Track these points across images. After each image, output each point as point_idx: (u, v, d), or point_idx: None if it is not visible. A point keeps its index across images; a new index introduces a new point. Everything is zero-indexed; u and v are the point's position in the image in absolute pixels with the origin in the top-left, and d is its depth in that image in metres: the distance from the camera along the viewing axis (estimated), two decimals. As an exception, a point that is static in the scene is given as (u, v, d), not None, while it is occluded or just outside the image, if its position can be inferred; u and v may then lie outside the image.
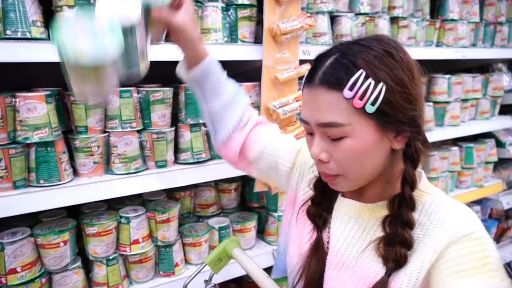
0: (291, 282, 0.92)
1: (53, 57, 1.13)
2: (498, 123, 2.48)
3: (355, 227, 0.81)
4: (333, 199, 0.86)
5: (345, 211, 0.83)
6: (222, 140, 0.99)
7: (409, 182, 0.74)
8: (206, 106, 0.97)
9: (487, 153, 2.51)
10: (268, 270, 1.80)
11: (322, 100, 0.70)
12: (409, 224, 0.73)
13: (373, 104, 0.68)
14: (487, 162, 2.53)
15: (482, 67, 2.62)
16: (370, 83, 0.67)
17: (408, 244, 0.72)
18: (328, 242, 0.84)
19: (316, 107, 0.71)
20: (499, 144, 2.59)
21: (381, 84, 0.68)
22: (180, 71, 0.97)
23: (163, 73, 1.60)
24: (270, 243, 1.71)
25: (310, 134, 0.76)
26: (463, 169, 2.42)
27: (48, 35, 1.19)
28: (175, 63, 1.36)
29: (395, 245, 0.72)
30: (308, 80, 0.73)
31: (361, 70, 0.68)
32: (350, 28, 1.76)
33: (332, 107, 0.69)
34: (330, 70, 0.69)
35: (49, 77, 1.38)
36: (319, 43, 1.68)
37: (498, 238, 2.79)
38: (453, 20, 2.15)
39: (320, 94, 0.70)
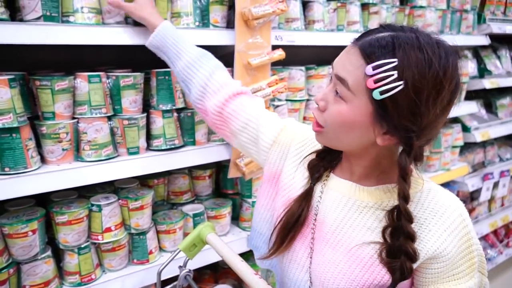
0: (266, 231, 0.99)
1: (17, 39, 1.10)
2: (464, 109, 2.57)
3: (353, 208, 0.83)
4: (334, 161, 0.90)
5: (340, 190, 0.85)
6: (196, 97, 1.08)
7: (403, 197, 0.75)
8: (174, 68, 1.15)
9: (454, 138, 2.59)
10: (243, 255, 1.82)
11: (351, 60, 0.74)
12: (411, 237, 0.75)
13: (381, 93, 0.69)
14: (453, 147, 2.62)
15: (449, 54, 2.69)
16: (393, 75, 0.68)
17: (412, 257, 0.75)
18: (316, 215, 0.87)
19: (344, 61, 0.76)
20: (465, 129, 2.69)
21: (400, 82, 0.68)
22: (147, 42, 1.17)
23: (134, 58, 1.57)
24: (244, 229, 1.72)
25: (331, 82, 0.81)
26: (431, 153, 2.49)
27: (10, 16, 1.14)
28: (146, 47, 1.34)
29: (400, 257, 0.75)
30: (356, 39, 0.77)
31: (395, 59, 0.69)
32: (322, 14, 1.76)
33: (353, 70, 0.73)
34: (374, 42, 0.72)
35: (14, 60, 1.33)
36: (291, 29, 1.68)
37: (463, 219, 2.90)
38: (421, 7, 2.19)
39: (353, 54, 0.74)
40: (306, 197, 0.88)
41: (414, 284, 0.83)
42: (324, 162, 0.90)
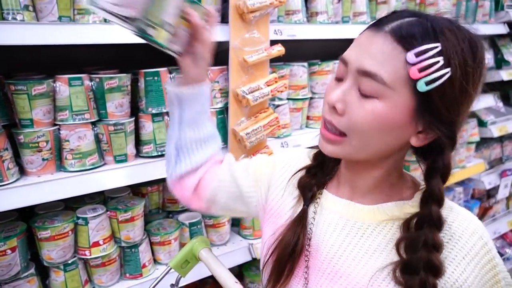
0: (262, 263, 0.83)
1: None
2: (480, 102, 2.41)
3: (352, 232, 0.71)
4: (328, 176, 0.79)
5: (337, 210, 0.74)
6: (181, 173, 0.89)
7: (437, 199, 0.64)
8: (179, 132, 0.88)
9: (469, 133, 2.46)
10: (244, 266, 1.73)
11: (381, 48, 0.61)
12: (437, 247, 0.63)
13: (427, 83, 0.59)
14: (469, 142, 2.48)
15: (464, 44, 2.55)
16: (439, 61, 0.59)
17: (437, 271, 0.62)
18: (310, 239, 0.75)
19: (369, 52, 0.62)
20: (481, 124, 2.55)
21: (447, 69, 0.59)
22: (171, 85, 0.87)
23: (120, 57, 1.46)
24: (246, 237, 1.61)
25: (339, 80, 0.68)
26: (445, 150, 2.36)
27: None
28: (133, 46, 1.23)
29: (418, 272, 0.63)
30: (375, 25, 0.64)
31: (438, 44, 0.59)
32: (325, 5, 1.64)
33: (386, 60, 0.61)
34: (407, 26, 0.61)
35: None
36: (292, 22, 1.55)
37: (480, 218, 2.76)
38: (433, -5, 2.05)
39: (383, 42, 0.61)
40: (300, 222, 0.75)
41: None
42: (317, 179, 0.78)
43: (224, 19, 1.38)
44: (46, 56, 1.36)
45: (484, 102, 2.45)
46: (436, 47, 0.59)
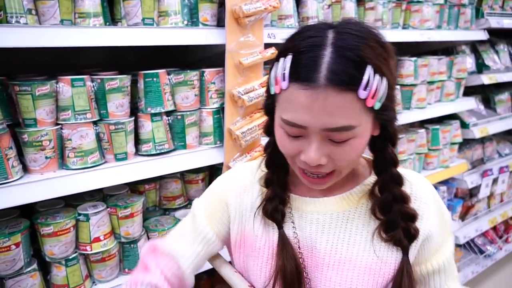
0: None
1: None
2: (462, 105, 2.52)
3: (338, 223, 0.78)
4: (285, 190, 0.82)
5: (315, 209, 0.80)
6: None
7: (394, 162, 0.75)
8: None
9: (452, 134, 2.55)
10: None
11: (333, 104, 0.61)
12: (404, 199, 0.75)
13: (380, 100, 0.65)
14: (452, 143, 2.57)
15: (447, 49, 2.64)
16: (378, 79, 0.63)
17: (413, 217, 0.75)
18: (299, 240, 0.80)
19: (325, 111, 0.62)
20: (463, 125, 2.64)
21: (384, 79, 0.64)
22: None
23: (120, 59, 1.51)
24: (240, 233, 1.67)
25: (296, 137, 0.68)
26: (430, 151, 2.45)
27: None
28: (133, 48, 1.28)
29: (398, 225, 0.74)
30: (305, 79, 0.62)
31: (369, 66, 0.62)
32: (316, 10, 1.71)
33: (346, 110, 0.62)
34: (339, 67, 0.61)
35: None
36: (284, 26, 1.62)
37: (463, 216, 2.87)
38: (418, 1, 2.14)
39: (331, 97, 0.61)
40: (285, 246, 0.78)
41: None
42: (279, 197, 0.80)
43: (221, 23, 1.43)
44: (45, 58, 1.40)
45: (466, 104, 2.54)
46: (371, 69, 0.62)
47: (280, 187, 0.81)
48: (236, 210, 0.86)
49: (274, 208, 0.80)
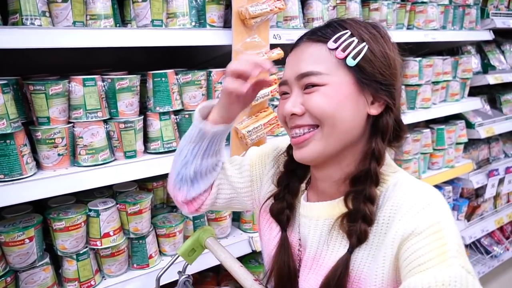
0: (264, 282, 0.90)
1: (11, 44, 1.08)
2: (467, 105, 2.53)
3: (324, 229, 0.79)
4: (296, 195, 0.85)
5: (318, 215, 0.80)
6: (196, 193, 0.93)
7: (376, 157, 0.74)
8: (200, 161, 0.90)
9: (457, 134, 2.56)
10: (245, 258, 1.80)
11: (306, 52, 0.75)
12: (371, 199, 0.72)
13: (354, 58, 0.71)
14: (457, 143, 2.58)
15: (452, 50, 2.65)
16: (354, 40, 0.72)
17: (368, 220, 0.71)
18: (300, 245, 0.83)
19: (298, 60, 0.75)
20: (469, 125, 2.65)
21: (364, 43, 0.72)
22: (205, 124, 0.86)
23: (129, 60, 1.55)
24: (246, 231, 1.70)
25: (285, 94, 0.78)
26: (435, 151, 2.46)
27: (2, 19, 1.12)
28: (142, 49, 1.32)
29: (357, 221, 0.72)
30: (295, 44, 0.78)
31: (347, 30, 0.74)
32: (321, 11, 1.73)
33: (315, 57, 0.73)
34: (319, 29, 0.76)
35: (7, 65, 1.31)
36: (290, 27, 1.65)
37: (469, 216, 2.87)
38: (423, 2, 2.15)
39: (305, 47, 0.75)
40: (282, 249, 0.83)
41: None
42: (287, 201, 0.84)
43: (227, 24, 1.47)
44: (58, 59, 1.45)
45: (471, 104, 2.55)
46: (346, 32, 0.73)
47: (289, 191, 0.85)
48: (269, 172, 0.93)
49: (280, 210, 0.84)
